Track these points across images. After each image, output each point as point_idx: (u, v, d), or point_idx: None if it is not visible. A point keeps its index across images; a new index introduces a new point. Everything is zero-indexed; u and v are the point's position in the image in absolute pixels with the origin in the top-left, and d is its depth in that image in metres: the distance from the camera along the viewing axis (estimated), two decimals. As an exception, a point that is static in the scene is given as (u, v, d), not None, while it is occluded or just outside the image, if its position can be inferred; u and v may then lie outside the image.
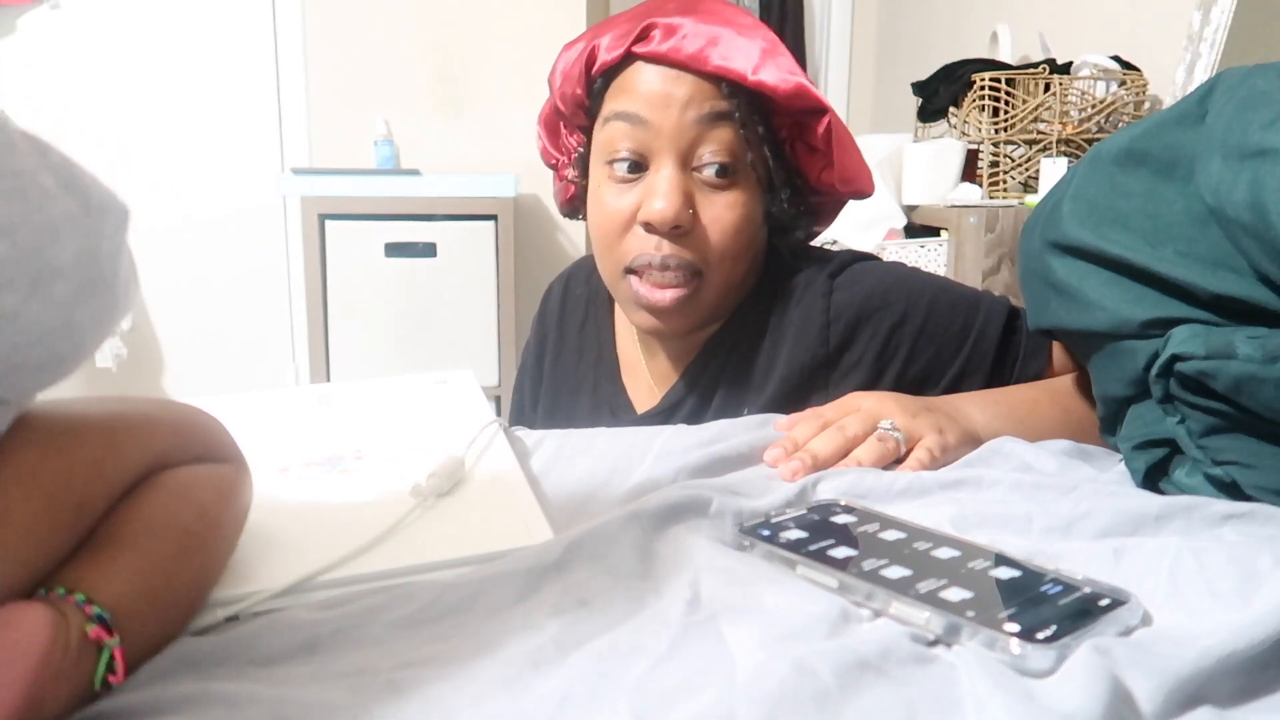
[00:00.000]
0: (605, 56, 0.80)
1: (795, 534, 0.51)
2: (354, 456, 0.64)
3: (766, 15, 3.64)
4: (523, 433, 0.73)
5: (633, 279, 0.80)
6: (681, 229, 0.78)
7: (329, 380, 2.51)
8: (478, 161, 2.84)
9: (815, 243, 0.93)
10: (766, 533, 0.51)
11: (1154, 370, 0.58)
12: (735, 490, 0.57)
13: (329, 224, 2.45)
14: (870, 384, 0.80)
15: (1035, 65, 1.85)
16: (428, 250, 2.48)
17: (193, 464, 0.45)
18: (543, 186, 2.90)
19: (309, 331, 2.52)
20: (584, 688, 0.36)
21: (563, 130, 0.90)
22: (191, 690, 0.36)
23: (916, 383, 0.80)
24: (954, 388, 0.80)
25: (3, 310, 0.31)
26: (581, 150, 0.88)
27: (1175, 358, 0.56)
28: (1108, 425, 0.68)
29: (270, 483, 0.58)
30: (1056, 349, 0.81)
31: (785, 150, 0.83)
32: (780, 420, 0.72)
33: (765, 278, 0.86)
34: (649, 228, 0.78)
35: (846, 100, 3.60)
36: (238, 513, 0.47)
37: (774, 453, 0.65)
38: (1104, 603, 0.42)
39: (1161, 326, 0.58)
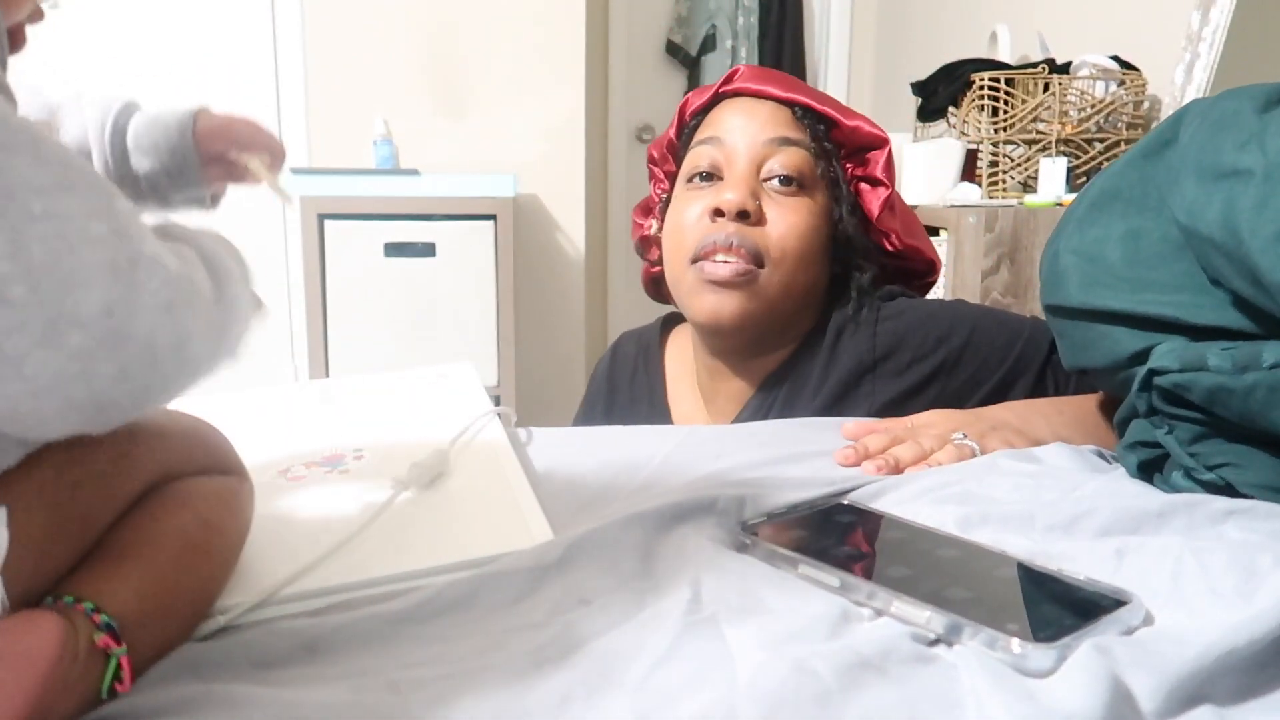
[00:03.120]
0: (696, 102, 0.91)
1: (798, 534, 0.51)
2: (354, 456, 0.64)
3: (766, 15, 3.64)
4: (528, 430, 0.73)
5: (700, 264, 0.84)
6: (748, 216, 0.82)
7: (328, 380, 2.50)
8: (477, 161, 2.83)
9: None
10: (769, 532, 0.51)
11: (1135, 386, 0.60)
12: (740, 491, 0.57)
13: (328, 224, 2.45)
14: (913, 396, 0.82)
15: (1034, 65, 1.85)
16: (427, 250, 2.47)
17: (197, 476, 0.45)
18: (542, 186, 2.89)
19: (308, 331, 2.51)
20: (585, 687, 0.36)
21: (654, 194, 0.98)
22: (192, 692, 0.36)
23: (957, 396, 0.82)
24: (994, 397, 0.82)
25: (6, 354, 0.30)
26: (665, 197, 0.95)
27: (1153, 372, 0.58)
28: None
29: (272, 486, 0.58)
30: None
31: (850, 187, 0.89)
32: (847, 425, 0.74)
33: (821, 322, 0.89)
34: (717, 213, 0.83)
35: (846, 100, 3.60)
36: (240, 524, 0.47)
37: (846, 453, 0.67)
38: (1106, 603, 0.42)
39: (1148, 355, 0.60)
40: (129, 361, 0.32)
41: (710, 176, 0.86)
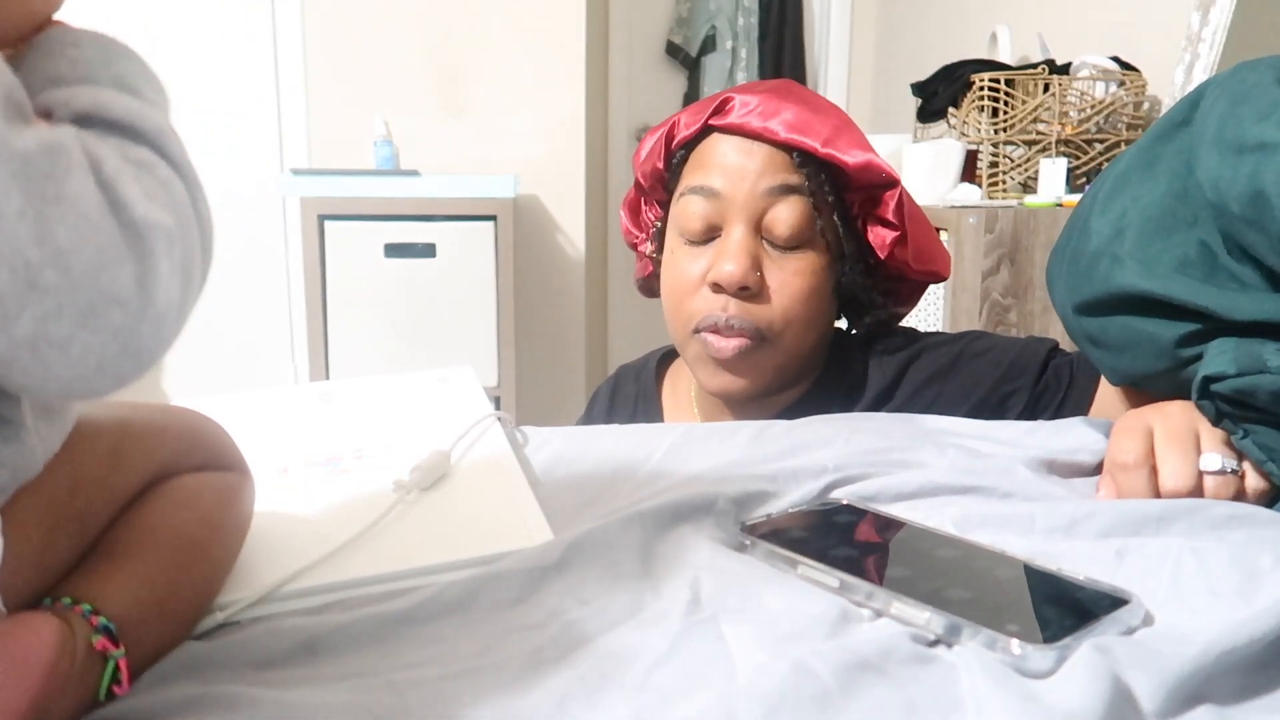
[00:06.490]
0: (684, 132, 0.84)
1: (797, 534, 0.51)
2: (354, 456, 0.64)
3: (766, 16, 3.64)
4: (529, 430, 0.73)
5: (700, 335, 0.82)
6: (749, 290, 0.80)
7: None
8: (477, 162, 2.83)
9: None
10: (768, 532, 0.51)
11: (1194, 394, 0.57)
12: (739, 490, 0.57)
13: (328, 224, 2.45)
14: (907, 406, 0.83)
15: (1034, 66, 1.85)
16: (427, 251, 2.47)
17: (196, 472, 0.45)
18: (542, 187, 2.90)
19: (308, 332, 2.51)
20: (584, 688, 0.36)
21: (642, 207, 0.94)
22: (191, 694, 0.36)
23: (952, 399, 0.82)
24: (988, 401, 0.82)
25: (51, 339, 0.29)
26: (659, 224, 0.91)
27: (1208, 379, 0.56)
28: None
29: (271, 484, 0.58)
30: None
31: (856, 225, 0.85)
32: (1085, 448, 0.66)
33: (831, 365, 0.88)
34: (717, 288, 0.80)
35: (846, 100, 3.60)
36: (240, 521, 0.47)
37: (1109, 487, 0.59)
38: (1105, 603, 0.42)
39: (1193, 340, 0.58)
40: (159, 320, 0.32)
41: (707, 233, 0.82)
